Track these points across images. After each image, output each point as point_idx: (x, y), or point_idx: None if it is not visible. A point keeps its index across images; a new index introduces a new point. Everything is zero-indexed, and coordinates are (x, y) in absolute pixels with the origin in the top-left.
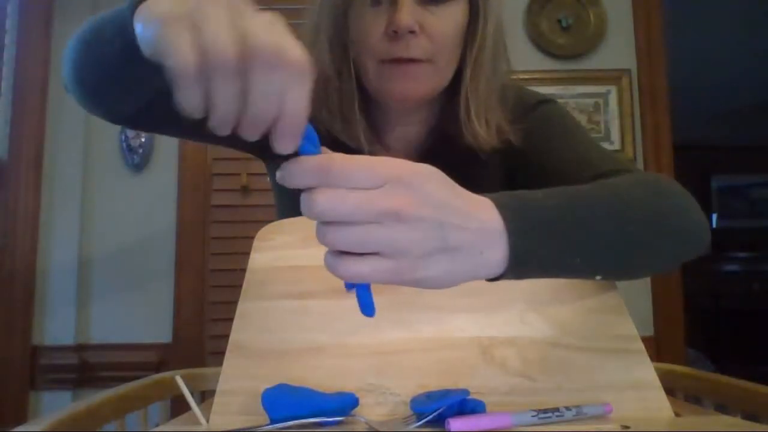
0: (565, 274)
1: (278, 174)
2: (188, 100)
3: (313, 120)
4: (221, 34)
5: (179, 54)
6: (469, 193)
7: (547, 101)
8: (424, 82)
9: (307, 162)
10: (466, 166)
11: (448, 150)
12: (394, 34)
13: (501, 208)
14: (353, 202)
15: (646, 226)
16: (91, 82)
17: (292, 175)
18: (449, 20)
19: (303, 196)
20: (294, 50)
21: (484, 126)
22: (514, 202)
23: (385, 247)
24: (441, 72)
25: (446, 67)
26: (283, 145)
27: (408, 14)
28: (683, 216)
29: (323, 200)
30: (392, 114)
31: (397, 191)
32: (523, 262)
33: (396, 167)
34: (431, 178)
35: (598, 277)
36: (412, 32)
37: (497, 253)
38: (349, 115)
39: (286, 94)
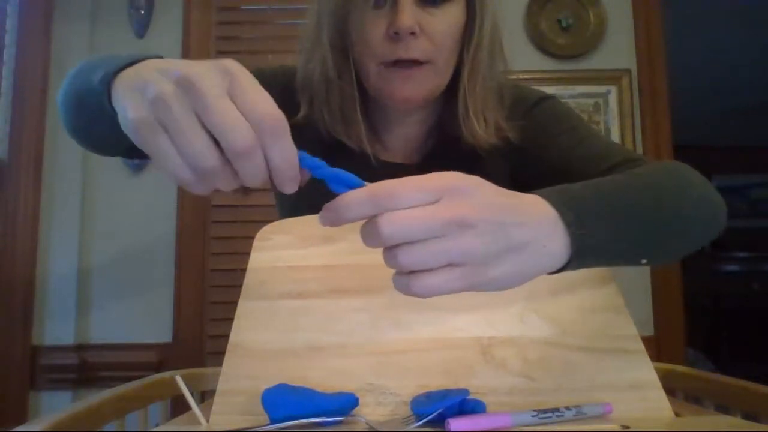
0: (614, 261)
1: (323, 216)
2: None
3: (315, 122)
4: (195, 138)
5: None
6: (518, 192)
7: (547, 97)
8: (425, 84)
9: (357, 195)
10: (468, 166)
11: (448, 150)
12: (395, 36)
13: (552, 201)
14: (417, 219)
15: (680, 210)
16: (82, 133)
17: (347, 209)
18: (448, 21)
19: (363, 227)
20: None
21: (482, 124)
22: (561, 195)
23: (455, 257)
24: (441, 73)
25: (446, 68)
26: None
27: (408, 16)
28: (708, 199)
29: (387, 224)
30: (392, 115)
31: (454, 201)
32: (582, 251)
33: (445, 179)
34: (481, 184)
35: (643, 261)
36: (412, 33)
37: (558, 244)
38: (351, 116)
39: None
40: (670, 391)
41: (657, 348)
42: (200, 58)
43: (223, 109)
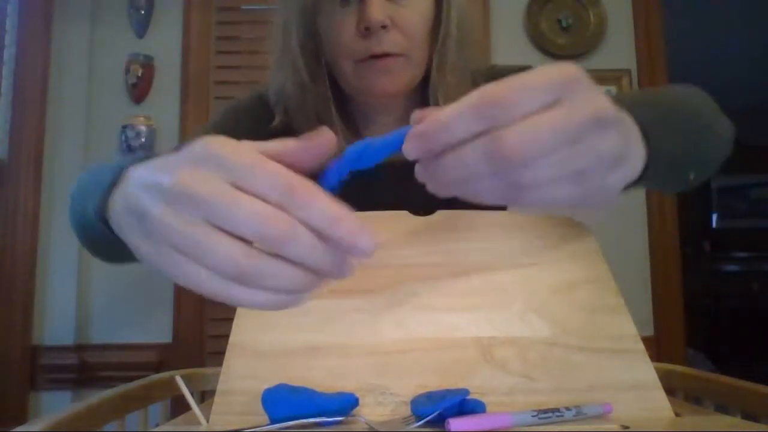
0: (673, 173)
1: (411, 147)
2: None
3: (292, 128)
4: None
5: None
6: None
7: (526, 67)
8: (401, 76)
9: (458, 109)
10: None
11: None
12: (366, 31)
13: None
14: (555, 127)
15: (712, 123)
16: (103, 256)
17: (445, 129)
18: (418, 11)
19: (463, 152)
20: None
21: None
22: (623, 100)
23: (591, 162)
24: (416, 64)
25: (420, 59)
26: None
27: (378, 9)
28: (722, 115)
29: (519, 141)
30: (371, 110)
31: (584, 95)
32: (655, 157)
33: (561, 71)
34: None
35: (691, 176)
36: (383, 27)
37: (640, 147)
38: (327, 119)
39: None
40: (670, 391)
41: (657, 348)
42: (200, 59)
43: (233, 202)
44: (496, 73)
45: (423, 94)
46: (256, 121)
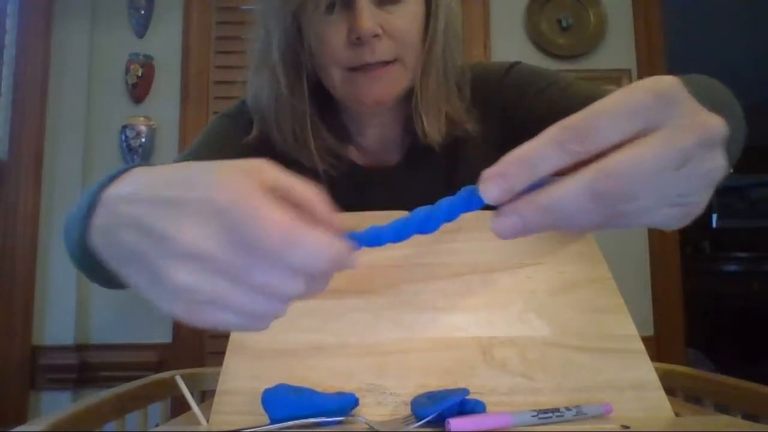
0: (731, 157)
1: (502, 224)
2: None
3: (270, 139)
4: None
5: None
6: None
7: (516, 63)
8: (395, 83)
9: (541, 145)
10: (451, 156)
11: (429, 144)
12: (358, 41)
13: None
14: (656, 156)
15: (740, 110)
16: (85, 272)
17: (531, 165)
18: (409, 17)
19: (572, 190)
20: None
21: (434, 118)
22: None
23: (694, 186)
24: (410, 69)
25: (414, 63)
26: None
27: (368, 18)
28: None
29: (625, 171)
30: (363, 118)
31: (685, 116)
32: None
33: (641, 97)
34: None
35: (730, 170)
36: (375, 36)
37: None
38: (302, 134)
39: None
40: (670, 391)
41: (657, 348)
42: (200, 59)
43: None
44: (487, 71)
45: (411, 95)
46: (238, 129)
